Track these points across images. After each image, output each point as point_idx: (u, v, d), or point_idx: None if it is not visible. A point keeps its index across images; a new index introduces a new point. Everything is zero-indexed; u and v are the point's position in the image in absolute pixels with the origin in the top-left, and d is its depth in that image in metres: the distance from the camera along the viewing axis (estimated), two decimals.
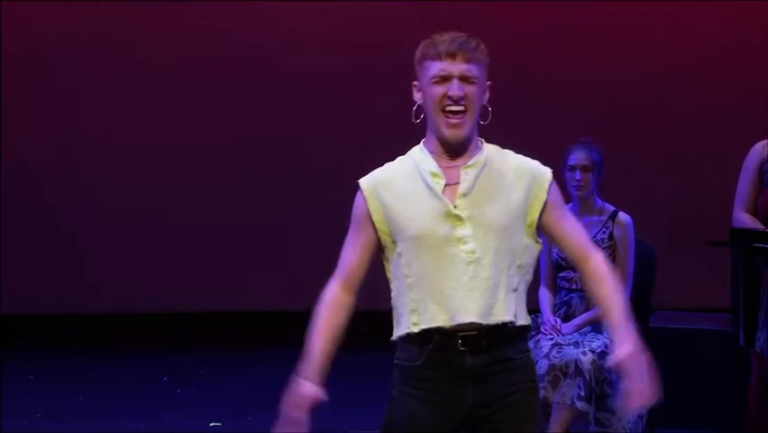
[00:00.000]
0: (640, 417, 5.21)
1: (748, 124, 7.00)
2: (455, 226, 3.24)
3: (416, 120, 3.34)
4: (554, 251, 5.48)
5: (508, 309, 3.25)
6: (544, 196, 3.33)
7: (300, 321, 3.65)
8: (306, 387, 3.26)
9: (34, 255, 9.26)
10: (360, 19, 8.57)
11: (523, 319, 3.30)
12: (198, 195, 9.24)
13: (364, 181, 3.36)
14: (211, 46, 9.16)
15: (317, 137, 8.81)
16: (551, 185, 3.35)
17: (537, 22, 9.00)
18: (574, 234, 3.38)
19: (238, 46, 9.14)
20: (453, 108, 3.26)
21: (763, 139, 5.18)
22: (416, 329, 3.25)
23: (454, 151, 3.31)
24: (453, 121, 3.26)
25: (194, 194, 9.24)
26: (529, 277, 3.35)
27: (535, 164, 3.39)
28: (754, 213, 5.13)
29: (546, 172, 3.37)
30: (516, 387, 3.26)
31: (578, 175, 5.42)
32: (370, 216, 3.31)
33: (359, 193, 3.34)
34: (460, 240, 3.24)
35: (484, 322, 3.22)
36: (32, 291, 9.24)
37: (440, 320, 3.23)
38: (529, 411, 3.30)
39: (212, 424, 6.60)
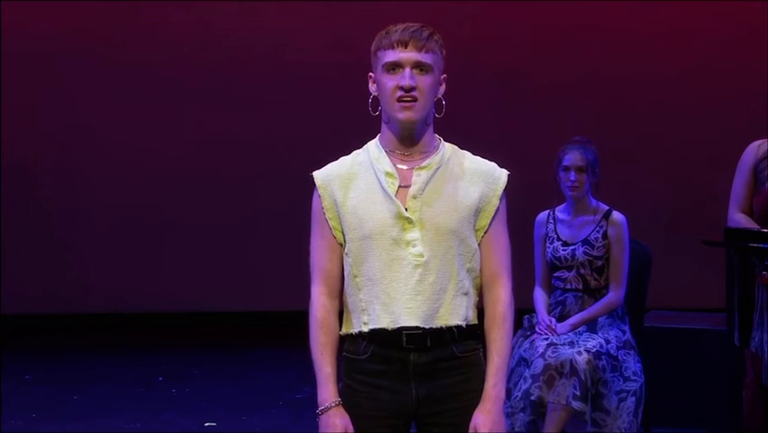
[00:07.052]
0: (635, 416, 5.20)
1: (743, 123, 7.00)
2: (405, 229, 3.22)
3: (375, 112, 3.31)
4: (549, 250, 5.48)
5: (456, 313, 3.25)
6: (496, 202, 3.30)
7: (295, 321, 3.64)
8: (341, 411, 3.25)
9: (29, 256, 9.26)
10: (356, 19, 8.56)
11: (472, 320, 3.28)
12: (195, 194, 9.24)
13: (318, 176, 3.32)
14: (207, 46, 9.16)
15: (316, 136, 8.79)
16: (504, 192, 3.31)
17: (532, 21, 9.00)
18: (497, 252, 3.31)
19: (234, 46, 9.14)
20: (406, 98, 3.22)
21: (758, 139, 5.17)
22: (365, 328, 3.25)
23: (409, 138, 3.27)
24: (406, 104, 3.21)
25: (190, 193, 9.24)
26: (479, 281, 3.32)
27: (491, 167, 3.35)
28: (749, 213, 5.12)
29: (501, 177, 3.33)
30: (468, 386, 3.24)
31: (572, 176, 5.40)
32: (325, 213, 3.29)
33: (315, 189, 3.31)
34: (409, 243, 3.22)
35: (427, 326, 3.21)
36: (26, 291, 9.23)
37: (384, 322, 3.22)
38: None
39: (207, 424, 6.60)
